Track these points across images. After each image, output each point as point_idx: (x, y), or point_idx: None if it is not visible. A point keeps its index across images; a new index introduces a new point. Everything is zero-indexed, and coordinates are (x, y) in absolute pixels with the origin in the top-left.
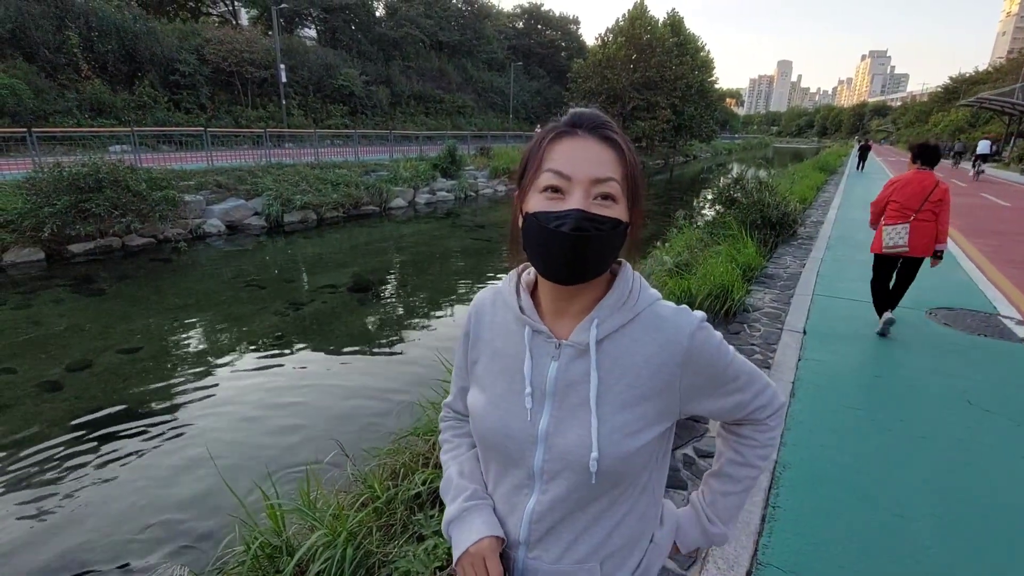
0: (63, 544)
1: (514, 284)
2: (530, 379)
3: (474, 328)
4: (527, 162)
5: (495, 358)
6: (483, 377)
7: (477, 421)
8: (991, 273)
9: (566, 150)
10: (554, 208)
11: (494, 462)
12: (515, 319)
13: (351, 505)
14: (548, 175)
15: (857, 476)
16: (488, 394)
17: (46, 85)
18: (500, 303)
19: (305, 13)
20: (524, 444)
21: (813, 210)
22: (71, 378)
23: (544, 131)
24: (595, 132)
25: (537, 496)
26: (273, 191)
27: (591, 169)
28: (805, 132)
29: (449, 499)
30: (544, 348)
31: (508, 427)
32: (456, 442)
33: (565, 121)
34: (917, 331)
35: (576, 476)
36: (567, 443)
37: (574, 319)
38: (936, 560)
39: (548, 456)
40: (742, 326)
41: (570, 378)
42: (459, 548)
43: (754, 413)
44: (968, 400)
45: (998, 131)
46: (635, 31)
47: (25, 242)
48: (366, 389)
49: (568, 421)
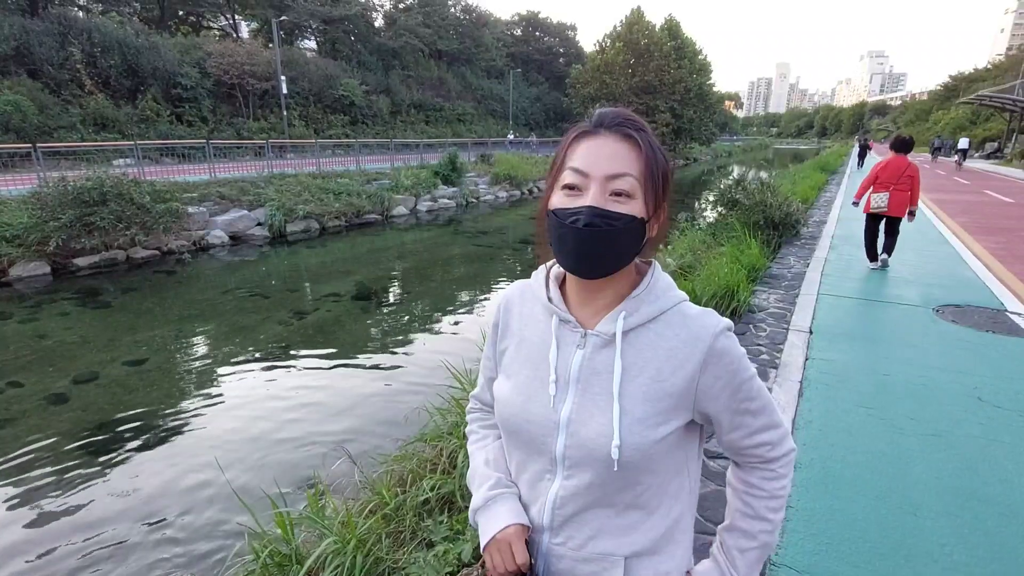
0: (70, 554)
1: (543, 277)
2: (555, 366)
3: (503, 318)
4: (554, 161)
5: (522, 346)
6: (510, 365)
7: (501, 406)
8: (998, 270)
9: (586, 149)
10: (571, 204)
11: (517, 449)
12: (543, 309)
13: (360, 512)
14: (568, 173)
15: (870, 475)
16: (513, 381)
17: (50, 101)
18: (529, 295)
19: (305, 25)
20: (546, 429)
21: (815, 210)
22: (77, 390)
23: (570, 131)
24: (616, 130)
25: (560, 482)
26: (276, 201)
27: (606, 166)
28: (805, 133)
29: (475, 487)
30: (570, 337)
31: (530, 412)
32: (482, 433)
33: (591, 120)
34: (925, 329)
35: (599, 465)
36: (589, 431)
37: (600, 312)
38: (952, 559)
39: (570, 443)
40: (748, 327)
41: (594, 367)
42: (486, 536)
43: (761, 448)
44: (979, 397)
45: (999, 128)
46: (633, 36)
47: (31, 256)
48: (372, 396)
49: (590, 409)
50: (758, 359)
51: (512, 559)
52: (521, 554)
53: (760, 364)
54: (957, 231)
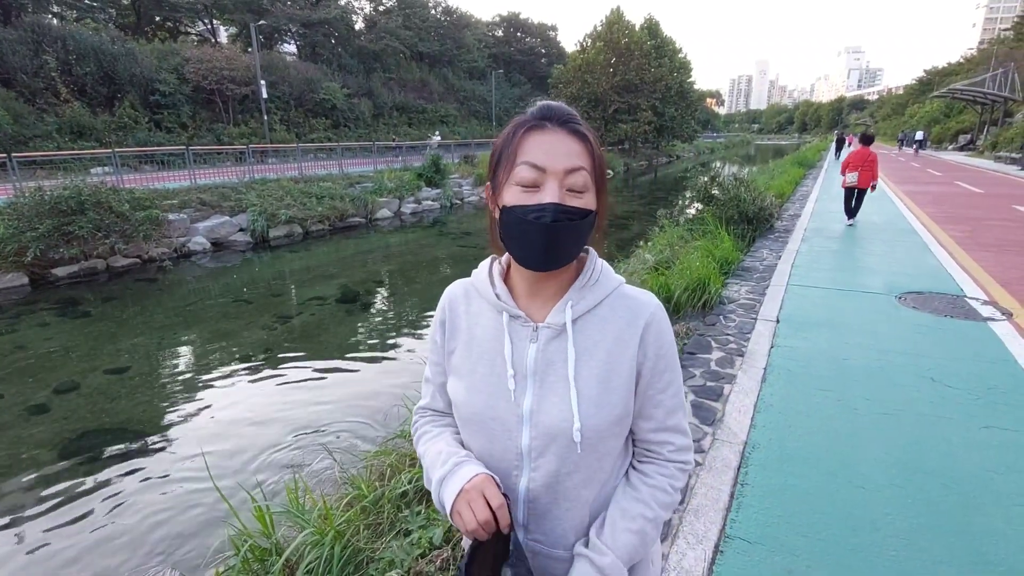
0: (54, 558)
1: (486, 274)
2: (511, 362)
3: (449, 319)
4: (499, 156)
5: (472, 344)
6: (461, 365)
7: (462, 407)
8: (961, 258)
9: (539, 143)
10: (531, 201)
11: (481, 447)
12: (490, 306)
13: (339, 505)
14: (523, 168)
15: (823, 454)
16: (468, 380)
17: (25, 110)
18: (473, 293)
19: (284, 29)
20: (510, 423)
21: (791, 204)
22: (58, 400)
23: (515, 125)
24: (564, 126)
25: (528, 474)
26: (257, 207)
27: (564, 161)
28: (786, 128)
29: (436, 469)
30: (522, 332)
31: (494, 408)
32: (436, 431)
33: (534, 114)
34: (887, 316)
35: (562, 449)
36: (551, 418)
37: (547, 303)
38: (893, 526)
39: (535, 433)
40: (718, 317)
41: (549, 358)
42: (451, 493)
43: (664, 447)
44: (932, 378)
45: (972, 120)
46: (613, 36)
47: (8, 267)
48: (354, 395)
49: (550, 398)
50: (726, 348)
51: (484, 506)
52: (496, 496)
53: (727, 352)
54: (925, 221)
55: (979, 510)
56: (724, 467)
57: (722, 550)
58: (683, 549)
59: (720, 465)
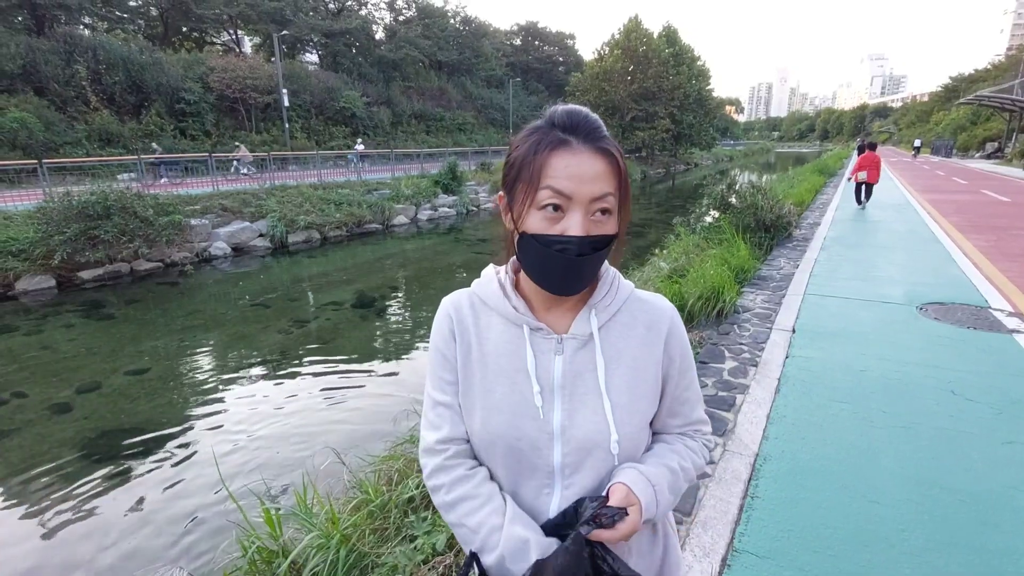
0: (70, 555)
1: (496, 286)
2: (536, 376)
3: (458, 333)
4: (519, 170)
5: (486, 361)
6: (475, 385)
7: (480, 430)
8: (986, 268)
9: (564, 165)
10: (555, 231)
11: (506, 470)
12: (502, 320)
13: (346, 509)
14: (547, 193)
15: (837, 466)
16: (485, 400)
17: (56, 118)
18: (479, 306)
19: (306, 39)
20: (540, 442)
21: (811, 212)
22: (81, 400)
23: (536, 138)
24: (591, 143)
25: (560, 492)
26: (277, 213)
27: (590, 187)
28: (807, 136)
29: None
30: (544, 345)
31: (519, 428)
32: (477, 484)
33: (558, 124)
34: (907, 326)
35: (598, 462)
36: (585, 432)
37: (566, 314)
38: (908, 543)
39: (567, 449)
40: (732, 327)
41: (576, 369)
42: None
43: (691, 429)
44: (952, 391)
45: (999, 128)
46: (631, 44)
47: (36, 270)
48: (367, 399)
49: (581, 411)
50: (739, 357)
51: None
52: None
53: (740, 362)
54: (949, 230)
55: (998, 528)
56: (734, 479)
57: (730, 564)
58: (690, 562)
59: (730, 477)
